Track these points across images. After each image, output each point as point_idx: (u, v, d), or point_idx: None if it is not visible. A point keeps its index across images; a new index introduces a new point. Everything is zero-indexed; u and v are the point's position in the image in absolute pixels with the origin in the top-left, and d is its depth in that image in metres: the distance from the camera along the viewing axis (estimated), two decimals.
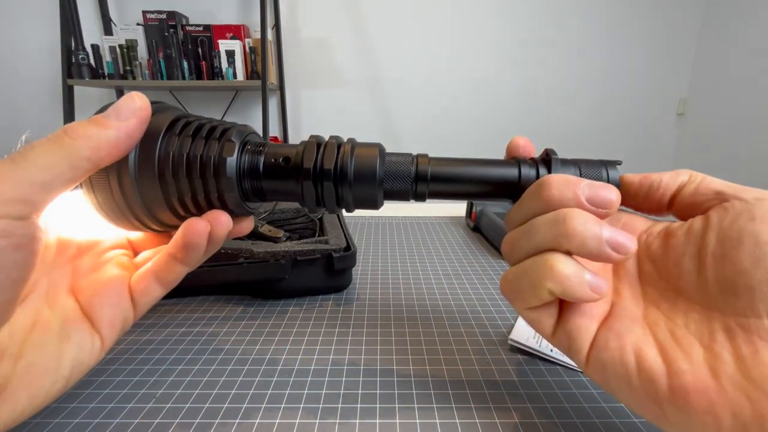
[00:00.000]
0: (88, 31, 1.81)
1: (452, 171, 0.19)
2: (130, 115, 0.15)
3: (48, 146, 0.13)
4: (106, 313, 0.17)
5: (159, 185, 0.16)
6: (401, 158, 0.18)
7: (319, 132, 2.16)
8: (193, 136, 0.17)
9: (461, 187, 0.19)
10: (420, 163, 0.18)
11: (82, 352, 0.16)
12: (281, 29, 1.90)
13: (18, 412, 0.14)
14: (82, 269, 0.18)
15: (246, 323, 0.28)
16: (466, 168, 0.19)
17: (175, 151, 0.16)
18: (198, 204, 0.17)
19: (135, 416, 0.19)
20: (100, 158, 0.14)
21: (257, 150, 0.18)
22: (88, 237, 0.19)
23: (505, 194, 0.19)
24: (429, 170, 0.18)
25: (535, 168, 0.18)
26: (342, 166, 0.17)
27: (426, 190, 0.19)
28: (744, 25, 1.86)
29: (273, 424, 0.19)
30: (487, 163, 0.19)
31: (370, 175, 0.18)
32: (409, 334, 0.27)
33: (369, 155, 0.18)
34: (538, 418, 0.20)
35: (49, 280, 0.17)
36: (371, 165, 0.18)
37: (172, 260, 0.18)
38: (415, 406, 0.20)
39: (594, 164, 0.18)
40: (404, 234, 0.49)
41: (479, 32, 2.02)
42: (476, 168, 0.19)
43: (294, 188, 0.18)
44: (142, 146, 0.16)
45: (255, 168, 0.18)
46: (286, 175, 0.18)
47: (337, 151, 0.18)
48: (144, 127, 0.16)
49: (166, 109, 0.18)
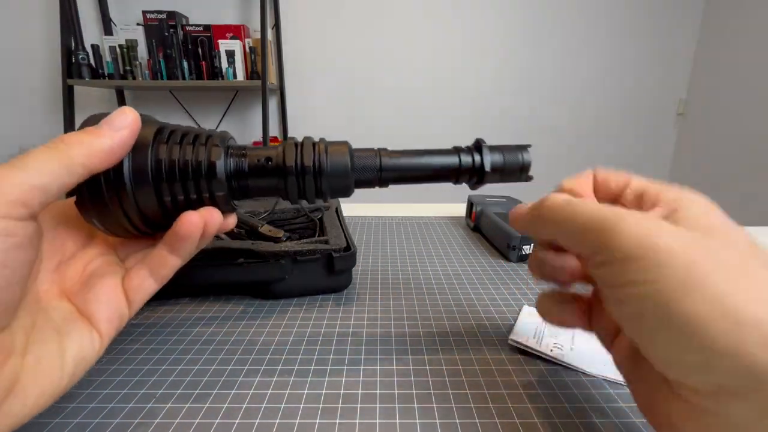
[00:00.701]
0: (88, 31, 1.81)
1: (408, 161, 0.22)
2: (122, 127, 0.16)
3: (46, 153, 0.14)
4: (102, 310, 0.17)
5: (153, 190, 0.18)
6: (367, 152, 0.22)
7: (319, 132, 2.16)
8: (180, 143, 0.19)
9: (416, 173, 0.23)
10: (383, 155, 0.22)
11: (84, 348, 0.17)
12: (281, 29, 1.90)
13: (29, 407, 0.15)
14: (69, 273, 0.18)
15: (246, 323, 0.28)
16: (418, 158, 0.23)
17: (166, 158, 0.18)
18: (190, 205, 0.19)
19: (135, 416, 0.19)
20: (94, 164, 0.15)
21: (240, 153, 0.20)
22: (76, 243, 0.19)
23: (449, 177, 0.23)
24: (390, 161, 0.22)
25: (470, 155, 0.23)
26: (320, 162, 0.20)
27: (389, 177, 0.22)
28: (744, 25, 1.86)
29: (273, 424, 0.19)
30: (434, 153, 0.23)
31: (343, 168, 0.21)
32: (409, 333, 0.27)
33: (341, 151, 0.21)
34: (538, 418, 0.20)
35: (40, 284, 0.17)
36: (344, 160, 0.21)
37: (167, 252, 0.19)
38: (415, 406, 0.20)
39: (512, 149, 0.23)
40: (404, 234, 0.49)
41: (480, 33, 2.02)
42: (426, 157, 0.23)
43: (277, 184, 0.20)
44: (135, 155, 0.17)
45: (240, 168, 0.20)
46: (270, 173, 0.20)
47: (313, 149, 0.20)
48: (134, 138, 0.17)
49: (148, 120, 0.19)
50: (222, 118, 2.03)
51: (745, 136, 1.86)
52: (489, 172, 0.23)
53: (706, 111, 2.07)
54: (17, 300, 0.14)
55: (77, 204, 0.18)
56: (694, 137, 2.15)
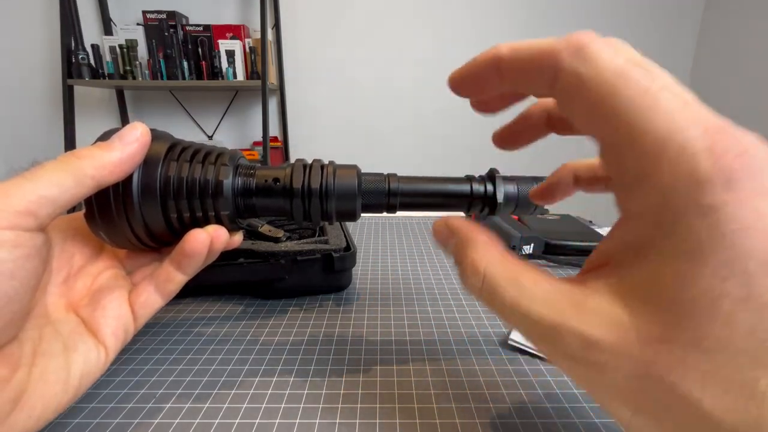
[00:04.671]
0: (88, 31, 1.81)
1: (417, 187, 0.22)
2: (132, 141, 0.17)
3: (55, 165, 0.15)
4: (109, 324, 0.18)
5: (161, 206, 0.18)
6: (375, 177, 0.22)
7: (319, 132, 2.15)
8: (190, 160, 0.19)
9: (425, 199, 0.22)
10: (391, 180, 0.22)
11: (89, 362, 0.17)
12: (281, 29, 1.90)
13: (34, 419, 0.15)
14: (77, 287, 0.19)
15: (246, 323, 0.28)
16: (428, 185, 0.22)
17: (175, 175, 0.18)
18: (196, 222, 0.19)
19: (135, 416, 0.19)
20: (103, 176, 0.16)
21: (248, 173, 0.20)
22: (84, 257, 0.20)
23: (460, 206, 0.22)
24: (399, 187, 0.21)
25: (482, 184, 0.22)
26: (327, 185, 0.20)
27: (397, 203, 0.22)
28: (744, 24, 1.86)
29: (273, 424, 0.19)
30: (445, 181, 0.22)
31: (350, 192, 0.20)
32: (409, 334, 0.27)
33: (349, 175, 0.21)
34: (538, 418, 0.20)
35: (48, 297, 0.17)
36: (351, 183, 0.20)
37: (173, 268, 0.19)
38: (415, 406, 0.20)
39: (527, 180, 0.23)
40: (404, 234, 0.49)
41: (480, 33, 2.02)
42: (436, 185, 0.22)
43: (283, 205, 0.20)
44: (144, 171, 0.18)
45: (248, 188, 0.20)
46: (277, 193, 0.20)
47: (321, 172, 0.20)
48: (144, 152, 0.17)
49: (161, 136, 0.19)
50: (222, 118, 2.03)
51: None
52: (502, 203, 0.22)
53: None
54: (25, 311, 0.15)
55: (86, 216, 0.18)
56: None
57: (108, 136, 0.17)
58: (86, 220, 0.18)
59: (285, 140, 2.02)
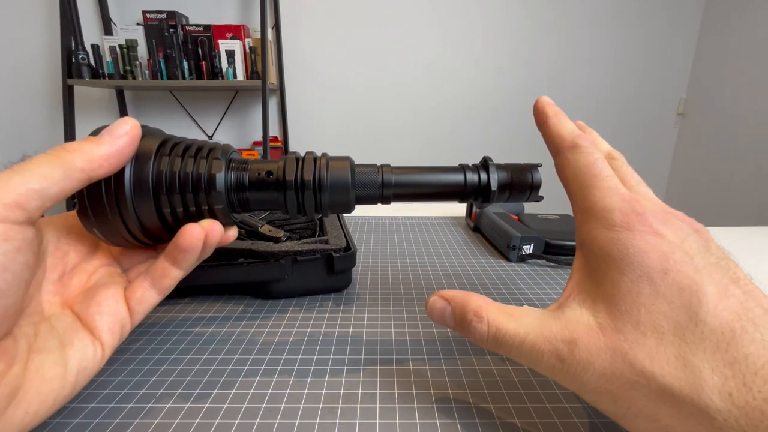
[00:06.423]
0: (88, 31, 1.81)
1: (411, 178, 0.22)
2: (122, 134, 0.17)
3: (44, 158, 0.15)
4: (105, 320, 0.18)
5: (153, 201, 0.18)
6: (369, 168, 0.21)
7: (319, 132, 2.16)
8: (182, 155, 0.19)
9: (419, 190, 0.22)
10: (384, 172, 0.22)
11: (86, 358, 0.17)
12: (281, 29, 1.90)
13: (31, 415, 0.15)
14: (72, 284, 0.19)
15: (246, 323, 0.28)
16: (421, 175, 0.22)
17: (167, 169, 0.18)
18: (190, 217, 0.19)
19: (135, 416, 0.19)
20: (93, 170, 0.16)
21: (241, 167, 0.20)
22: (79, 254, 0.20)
23: (454, 196, 0.22)
24: (393, 178, 0.21)
25: (476, 173, 0.22)
26: (320, 178, 0.20)
27: (390, 194, 0.22)
28: (744, 24, 1.86)
29: (273, 424, 0.19)
30: (439, 170, 0.22)
31: (344, 184, 0.20)
32: (409, 333, 0.27)
33: (342, 167, 0.21)
34: (537, 418, 0.20)
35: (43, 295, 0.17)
36: (344, 175, 0.20)
37: (168, 264, 0.19)
38: (415, 406, 0.20)
39: (522, 168, 0.23)
40: (404, 234, 0.49)
41: (480, 33, 2.02)
42: (430, 175, 0.22)
43: (277, 198, 0.20)
44: (136, 166, 0.18)
45: (241, 182, 0.20)
46: (270, 186, 0.20)
47: (314, 164, 0.20)
48: (134, 146, 0.17)
49: (153, 132, 0.19)
50: (222, 118, 2.03)
51: (746, 136, 1.86)
52: (495, 191, 0.22)
53: (706, 111, 2.07)
54: (19, 305, 0.15)
55: (78, 213, 0.18)
56: (694, 137, 2.15)
57: (100, 132, 0.17)
58: (79, 217, 0.18)
59: (285, 140, 2.02)
